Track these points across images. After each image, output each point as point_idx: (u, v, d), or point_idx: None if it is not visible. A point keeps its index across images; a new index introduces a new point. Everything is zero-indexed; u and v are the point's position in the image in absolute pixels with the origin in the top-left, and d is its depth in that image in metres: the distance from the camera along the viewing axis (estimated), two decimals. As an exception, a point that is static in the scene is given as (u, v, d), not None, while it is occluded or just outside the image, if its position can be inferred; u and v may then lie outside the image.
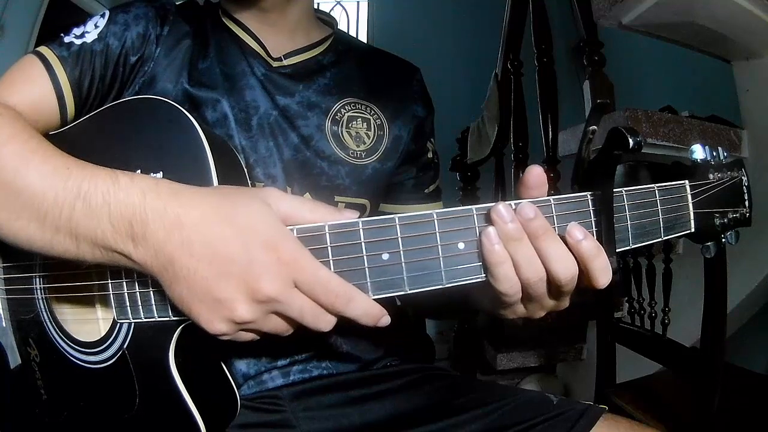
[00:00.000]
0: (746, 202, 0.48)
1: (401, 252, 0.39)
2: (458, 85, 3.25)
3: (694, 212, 0.46)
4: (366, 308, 0.39)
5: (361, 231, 0.39)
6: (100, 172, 0.41)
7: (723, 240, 0.48)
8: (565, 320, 1.73)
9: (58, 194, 0.41)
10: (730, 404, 0.97)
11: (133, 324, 0.46)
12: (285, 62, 0.65)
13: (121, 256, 0.40)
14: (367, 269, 0.39)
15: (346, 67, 0.69)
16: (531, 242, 0.39)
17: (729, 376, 1.00)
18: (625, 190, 0.43)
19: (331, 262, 0.39)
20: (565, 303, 0.44)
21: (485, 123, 2.21)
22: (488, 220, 0.39)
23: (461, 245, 0.40)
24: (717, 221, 0.47)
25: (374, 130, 0.66)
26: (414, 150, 0.70)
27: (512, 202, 0.39)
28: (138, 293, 0.45)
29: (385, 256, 0.39)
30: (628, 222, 0.43)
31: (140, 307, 0.45)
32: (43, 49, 0.56)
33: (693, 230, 0.46)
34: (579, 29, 1.82)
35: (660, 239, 0.44)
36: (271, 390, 0.60)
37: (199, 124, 0.46)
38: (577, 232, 0.39)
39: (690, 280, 1.05)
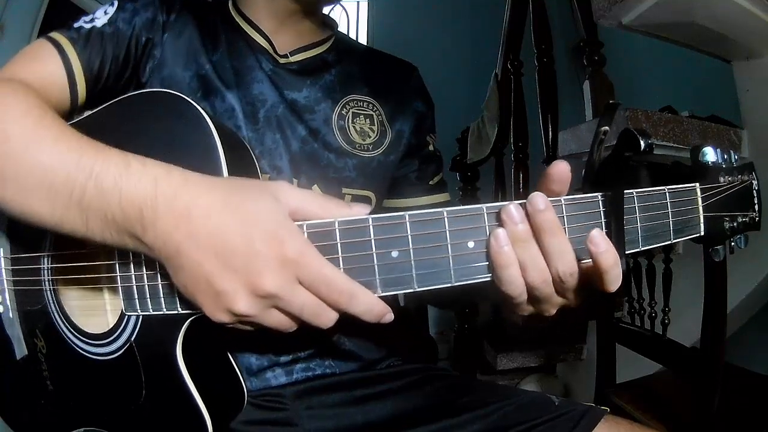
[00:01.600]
0: (756, 206, 0.48)
1: (411, 250, 0.39)
2: (458, 85, 3.25)
3: (704, 215, 0.45)
4: (369, 305, 0.39)
5: (371, 228, 0.39)
6: (112, 155, 0.41)
7: (732, 244, 0.48)
8: (565, 320, 1.73)
9: (70, 173, 0.40)
10: (730, 404, 0.97)
11: (141, 317, 0.47)
12: (291, 59, 0.66)
13: (130, 239, 0.40)
14: (376, 266, 0.39)
15: (349, 66, 0.70)
16: (536, 236, 0.39)
17: (729, 376, 1.01)
18: (636, 192, 0.43)
19: (340, 258, 0.39)
20: (574, 300, 0.43)
21: (485, 123, 2.21)
22: (498, 219, 0.39)
23: (471, 244, 0.40)
24: (726, 225, 0.46)
25: (378, 125, 0.68)
26: (415, 144, 0.71)
27: (523, 201, 0.39)
28: (147, 286, 0.45)
29: (395, 254, 0.39)
30: (638, 224, 0.43)
31: (148, 299, 0.45)
32: (54, 34, 0.57)
33: (702, 233, 0.46)
34: (579, 29, 1.82)
35: (669, 241, 0.44)
36: (274, 388, 0.61)
37: (209, 116, 0.46)
38: (600, 241, 0.38)
39: (690, 280, 1.05)
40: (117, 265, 0.46)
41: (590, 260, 0.39)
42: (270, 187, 0.40)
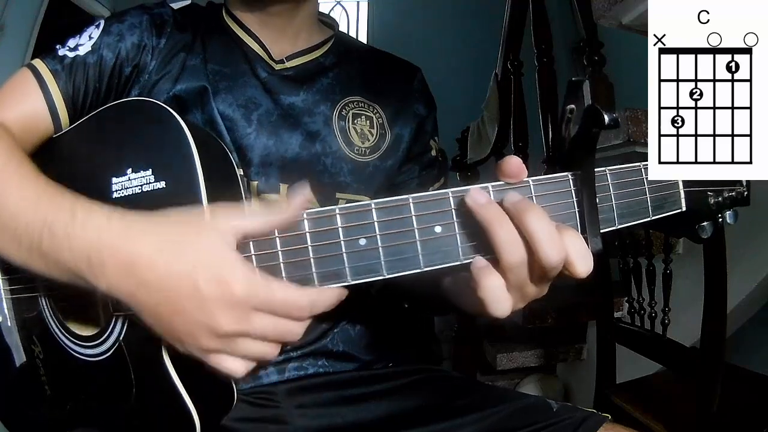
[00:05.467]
0: (744, 180, 0.45)
1: (378, 236, 0.40)
2: (458, 85, 3.24)
3: (684, 190, 0.44)
4: (328, 301, 0.41)
5: (337, 217, 0.40)
6: (63, 204, 0.43)
7: (720, 219, 0.46)
8: (565, 320, 1.73)
9: (29, 221, 0.43)
10: (730, 404, 0.97)
11: (128, 316, 0.47)
12: (288, 64, 0.66)
13: (86, 283, 0.41)
14: (344, 255, 0.40)
15: (348, 68, 0.69)
16: (520, 222, 0.37)
17: (729, 376, 1.00)
18: (609, 169, 0.42)
19: (309, 248, 0.40)
20: (544, 290, 0.41)
21: (485, 123, 2.21)
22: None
23: (438, 228, 0.40)
24: (711, 200, 0.45)
25: (377, 128, 0.66)
26: (416, 149, 0.70)
27: (489, 185, 0.40)
28: None
29: (363, 241, 0.40)
30: (613, 201, 0.42)
31: None
32: (37, 63, 0.57)
33: (684, 209, 0.44)
34: (579, 29, 1.82)
35: (649, 218, 0.43)
36: (266, 386, 0.60)
37: (185, 120, 0.47)
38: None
39: (690, 280, 1.05)
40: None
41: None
42: (210, 220, 0.40)
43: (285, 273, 0.41)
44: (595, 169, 0.40)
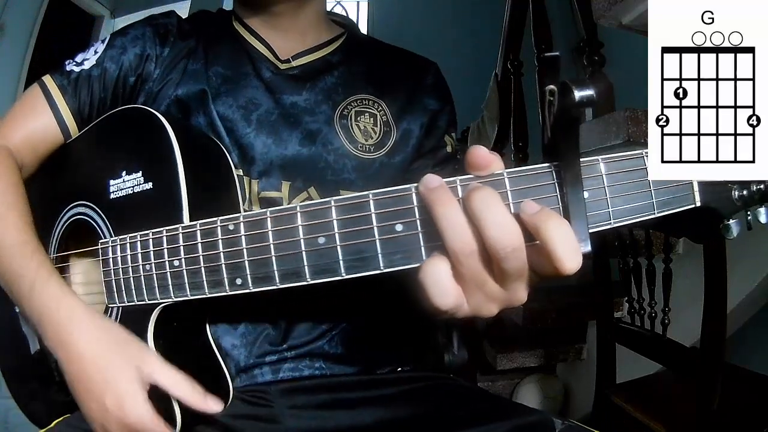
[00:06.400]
0: None
1: (336, 235, 0.38)
2: (458, 85, 3.24)
3: (699, 182, 0.37)
4: None
5: (298, 214, 0.39)
6: (29, 269, 0.50)
7: (749, 217, 0.38)
8: (565, 320, 1.73)
9: (5, 269, 0.52)
10: (730, 404, 0.97)
11: (121, 308, 0.50)
12: (293, 63, 0.66)
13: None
14: (303, 253, 0.39)
15: (355, 65, 0.69)
16: (466, 205, 0.34)
17: (729, 376, 1.00)
18: (602, 158, 0.36)
19: (271, 246, 0.40)
20: (519, 293, 0.36)
21: (485, 123, 2.21)
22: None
23: (399, 227, 0.37)
24: (735, 193, 0.37)
25: (381, 125, 0.66)
26: (429, 144, 0.69)
27: (457, 179, 0.36)
28: (122, 279, 0.49)
29: (321, 240, 0.38)
30: (607, 195, 0.35)
31: (124, 293, 0.49)
32: (47, 79, 0.62)
33: (699, 204, 0.37)
34: (579, 29, 1.82)
35: (653, 216, 0.36)
36: (260, 384, 0.60)
37: (174, 124, 0.49)
38: (531, 205, 0.33)
39: (690, 280, 1.05)
40: (101, 266, 0.52)
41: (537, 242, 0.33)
42: (132, 355, 0.47)
43: (249, 270, 0.41)
44: (585, 159, 0.35)
